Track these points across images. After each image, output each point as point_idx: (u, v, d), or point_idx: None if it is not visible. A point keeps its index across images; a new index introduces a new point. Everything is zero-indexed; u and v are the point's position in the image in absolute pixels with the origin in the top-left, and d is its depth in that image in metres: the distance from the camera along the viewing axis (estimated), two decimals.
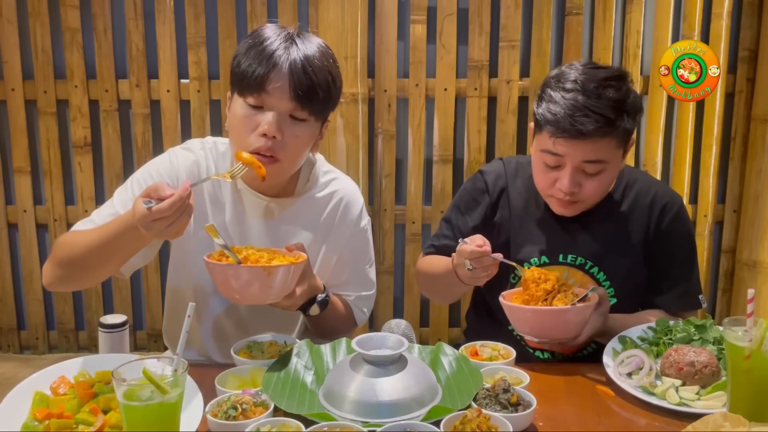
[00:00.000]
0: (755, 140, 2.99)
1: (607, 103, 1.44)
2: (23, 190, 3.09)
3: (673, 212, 1.62)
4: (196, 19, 2.95)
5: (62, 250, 1.45)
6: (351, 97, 2.91)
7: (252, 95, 1.41)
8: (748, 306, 1.17)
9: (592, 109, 1.43)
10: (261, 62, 1.39)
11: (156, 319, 3.17)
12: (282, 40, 1.42)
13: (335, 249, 1.62)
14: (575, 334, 1.44)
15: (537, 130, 1.53)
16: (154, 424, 1.04)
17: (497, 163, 1.73)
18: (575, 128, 1.43)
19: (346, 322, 1.65)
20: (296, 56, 1.40)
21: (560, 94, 1.47)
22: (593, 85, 1.46)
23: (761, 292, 2.95)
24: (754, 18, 2.95)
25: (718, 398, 1.27)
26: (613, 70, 1.52)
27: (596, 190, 1.52)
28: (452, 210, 1.73)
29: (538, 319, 1.43)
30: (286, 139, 1.42)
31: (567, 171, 1.48)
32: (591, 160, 1.47)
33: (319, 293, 1.51)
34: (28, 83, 3.01)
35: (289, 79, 1.39)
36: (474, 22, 2.94)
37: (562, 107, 1.45)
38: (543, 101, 1.50)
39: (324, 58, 1.44)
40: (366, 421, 1.17)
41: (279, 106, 1.40)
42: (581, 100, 1.44)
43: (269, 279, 1.31)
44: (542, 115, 1.49)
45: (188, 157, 1.55)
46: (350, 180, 1.67)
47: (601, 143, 1.46)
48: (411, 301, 3.16)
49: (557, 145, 1.47)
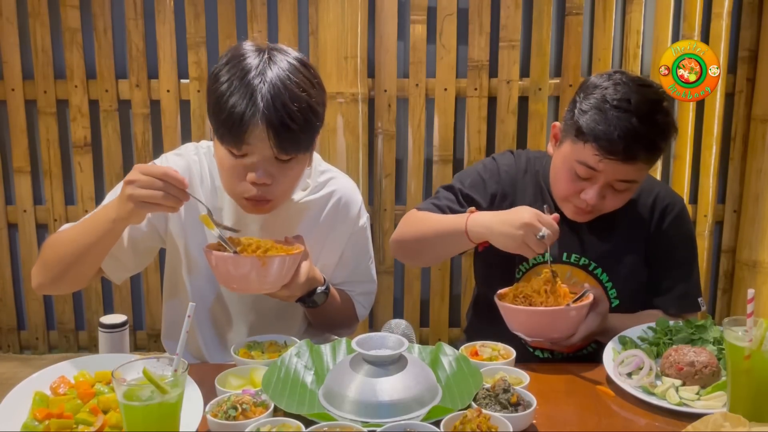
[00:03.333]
0: (755, 140, 2.99)
1: (660, 130, 1.45)
2: (23, 190, 3.09)
3: (675, 214, 1.62)
4: (196, 19, 2.95)
5: (48, 251, 1.46)
6: (351, 97, 2.91)
7: (233, 146, 1.35)
8: (748, 306, 1.17)
9: (646, 135, 1.43)
10: (236, 117, 1.30)
11: (156, 319, 3.17)
12: (254, 76, 1.32)
13: (336, 249, 1.62)
14: (569, 334, 1.44)
15: (576, 140, 1.48)
16: (154, 424, 1.04)
17: (508, 156, 1.72)
18: (629, 153, 1.42)
19: (348, 315, 1.66)
20: (270, 100, 1.30)
21: (612, 112, 1.43)
22: (646, 108, 1.44)
23: (761, 292, 2.96)
24: (754, 18, 2.95)
25: (718, 398, 1.27)
26: (658, 90, 1.51)
27: (617, 204, 1.53)
28: (455, 181, 1.69)
29: (531, 319, 1.43)
30: (276, 181, 1.38)
31: (597, 186, 1.48)
32: (625, 179, 1.48)
33: (319, 285, 1.51)
34: (28, 83, 3.01)
35: (267, 130, 1.31)
36: (474, 22, 2.94)
37: (616, 128, 1.42)
38: (589, 112, 1.46)
39: (300, 86, 1.34)
40: (366, 421, 1.17)
41: (263, 153, 1.35)
42: (635, 125, 1.42)
43: (264, 269, 1.32)
44: (590, 129, 1.44)
45: (179, 163, 1.53)
46: (347, 178, 1.67)
47: (641, 166, 1.47)
48: (411, 301, 3.16)
49: (601, 164, 1.45)
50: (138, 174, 1.27)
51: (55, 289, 1.52)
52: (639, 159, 1.44)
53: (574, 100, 1.53)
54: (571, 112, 1.51)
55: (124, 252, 1.50)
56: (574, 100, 1.52)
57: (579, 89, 1.54)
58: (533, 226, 1.40)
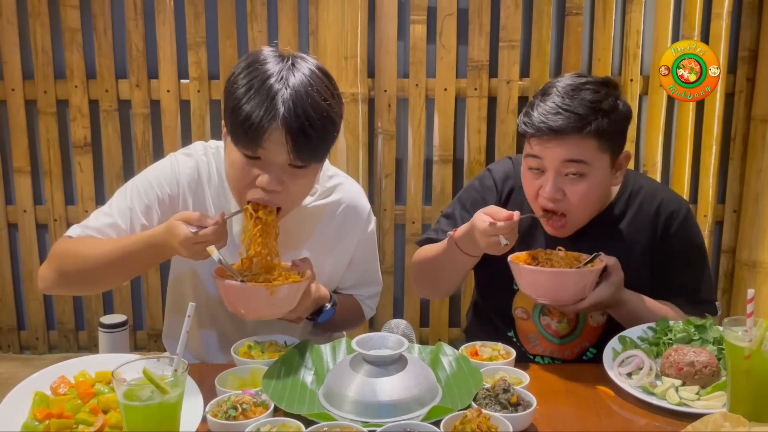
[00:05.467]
0: (755, 140, 2.99)
1: (581, 103, 1.46)
2: (23, 190, 3.09)
3: (681, 219, 1.60)
4: (196, 19, 2.95)
5: (67, 259, 1.45)
6: (351, 97, 2.91)
7: (248, 149, 1.33)
8: (748, 306, 1.17)
9: (564, 107, 1.45)
10: (255, 119, 1.29)
11: (156, 320, 3.17)
12: (276, 81, 1.31)
13: (345, 255, 1.63)
14: (578, 298, 1.43)
15: (523, 139, 1.55)
16: (154, 424, 1.04)
17: (506, 163, 1.72)
18: (547, 125, 1.45)
19: (354, 319, 1.69)
20: (292, 105, 1.29)
21: (540, 100, 1.50)
22: (570, 88, 1.48)
23: (761, 292, 2.95)
24: (754, 18, 2.95)
25: (718, 398, 1.27)
26: (598, 78, 1.53)
27: (581, 199, 1.50)
28: (455, 206, 1.71)
29: (539, 278, 1.43)
30: (287, 188, 1.37)
31: (549, 175, 1.49)
32: (568, 159, 1.47)
33: (326, 302, 1.52)
34: (28, 83, 3.01)
35: (286, 135, 1.30)
36: (474, 22, 2.95)
37: (540, 110, 1.48)
38: (526, 110, 1.53)
39: (322, 95, 1.34)
40: (366, 421, 1.17)
41: (278, 158, 1.33)
42: (557, 101, 1.47)
43: (272, 297, 1.32)
44: (525, 120, 1.51)
45: (189, 163, 1.53)
46: (354, 183, 1.66)
47: (576, 142, 1.45)
48: (411, 301, 3.16)
49: (534, 146, 1.49)
50: (211, 235, 1.30)
51: (66, 293, 1.55)
52: (562, 131, 1.44)
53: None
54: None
55: None
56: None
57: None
58: (485, 231, 1.40)
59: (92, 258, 1.42)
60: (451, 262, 1.56)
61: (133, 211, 1.48)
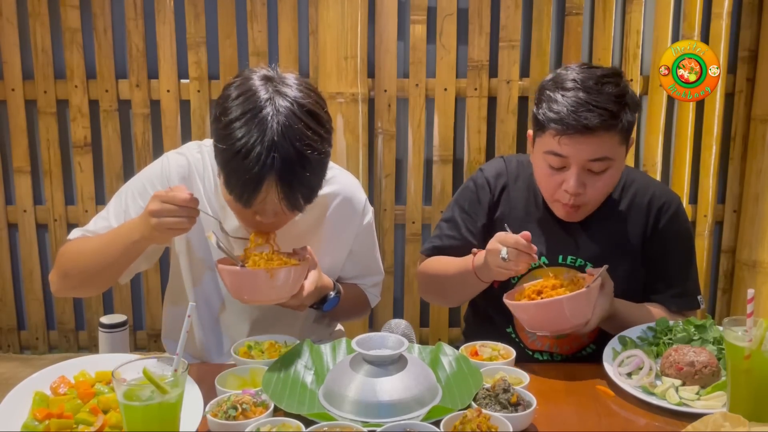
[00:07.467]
0: (755, 140, 2.99)
1: (608, 98, 1.44)
2: (23, 190, 3.08)
3: (671, 212, 1.62)
4: (196, 19, 2.94)
5: (67, 261, 1.50)
6: (351, 97, 2.91)
7: (242, 207, 1.37)
8: (748, 306, 1.17)
9: (594, 104, 1.43)
10: (244, 184, 1.31)
11: (156, 320, 3.17)
12: (264, 150, 1.28)
13: (344, 246, 1.65)
14: (582, 321, 1.43)
15: (539, 133, 1.52)
16: (154, 424, 1.04)
17: (498, 161, 1.73)
18: (581, 124, 1.42)
19: (361, 307, 1.74)
20: (279, 167, 1.29)
21: (560, 93, 1.46)
22: (592, 81, 1.46)
23: (761, 292, 2.95)
24: (754, 18, 2.95)
25: (718, 398, 1.28)
26: (608, 69, 1.53)
27: (601, 191, 1.52)
28: (454, 209, 1.71)
29: (546, 311, 1.40)
30: (284, 222, 1.45)
31: (573, 171, 1.47)
32: (596, 158, 1.46)
33: (329, 291, 1.55)
34: (28, 83, 3.00)
35: (280, 203, 1.34)
36: (474, 22, 2.94)
37: (565, 105, 1.44)
38: (543, 104, 1.49)
39: (312, 164, 1.33)
40: (366, 421, 1.17)
41: (273, 208, 1.37)
42: (583, 97, 1.44)
43: (272, 280, 1.36)
44: (544, 115, 1.47)
45: (180, 161, 1.55)
46: (349, 175, 1.67)
47: (606, 139, 1.45)
48: (411, 301, 3.16)
49: (562, 145, 1.46)
50: (160, 204, 1.30)
51: (76, 294, 1.62)
52: (596, 129, 1.43)
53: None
54: (533, 112, 1.55)
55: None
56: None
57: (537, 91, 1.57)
58: (494, 250, 1.43)
59: (85, 255, 1.47)
60: (465, 285, 1.58)
61: (127, 213, 1.51)
